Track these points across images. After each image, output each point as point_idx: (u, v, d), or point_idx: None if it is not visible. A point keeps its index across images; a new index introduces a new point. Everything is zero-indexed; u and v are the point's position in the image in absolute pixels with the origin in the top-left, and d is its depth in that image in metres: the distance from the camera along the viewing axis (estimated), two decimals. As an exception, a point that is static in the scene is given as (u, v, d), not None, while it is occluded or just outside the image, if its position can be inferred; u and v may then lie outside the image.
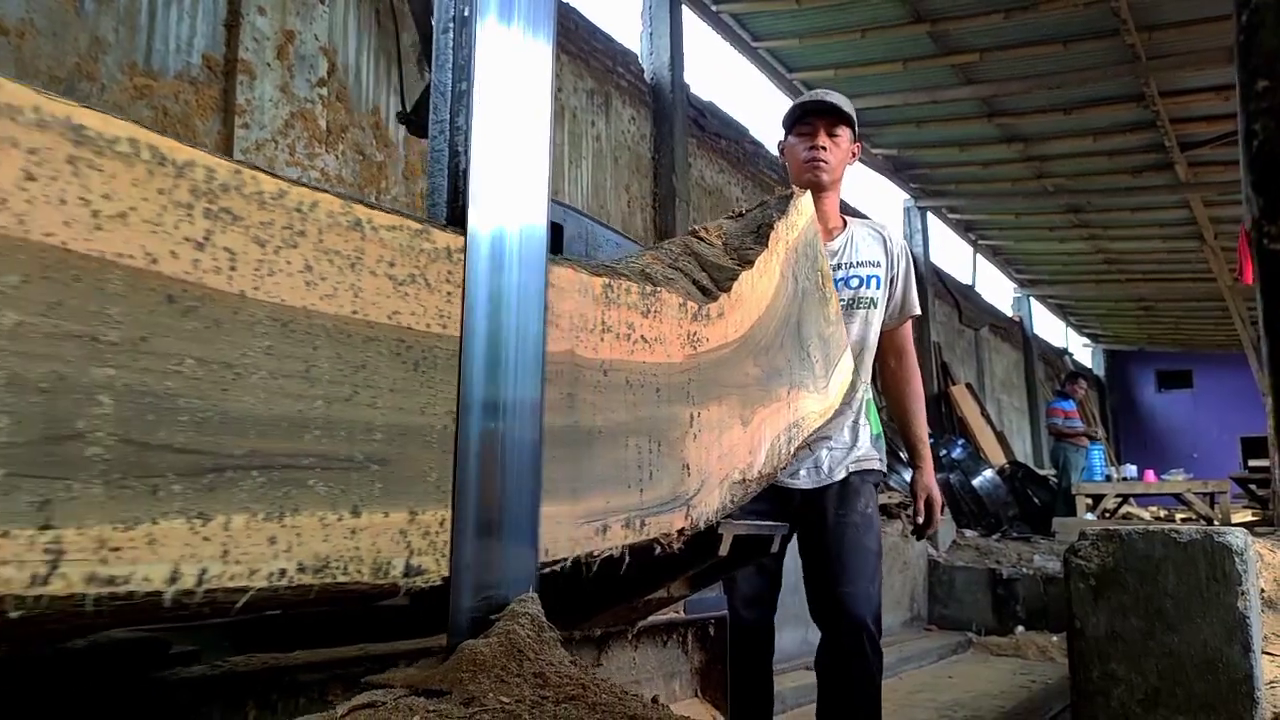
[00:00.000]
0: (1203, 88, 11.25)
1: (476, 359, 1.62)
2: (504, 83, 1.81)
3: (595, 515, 1.75)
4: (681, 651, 2.43)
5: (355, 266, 1.33)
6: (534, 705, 1.26)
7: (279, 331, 1.18)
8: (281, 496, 1.16)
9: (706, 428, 2.00)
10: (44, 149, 0.98)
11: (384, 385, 1.35)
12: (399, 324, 1.41)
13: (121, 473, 0.98)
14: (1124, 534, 2.90)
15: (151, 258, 1.05)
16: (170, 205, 1.08)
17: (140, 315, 1.02)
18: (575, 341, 1.76)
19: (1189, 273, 18.42)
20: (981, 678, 7.13)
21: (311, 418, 1.21)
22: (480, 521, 1.59)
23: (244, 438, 1.11)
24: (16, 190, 0.94)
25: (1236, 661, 2.70)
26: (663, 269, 2.06)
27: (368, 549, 1.29)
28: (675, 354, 1.94)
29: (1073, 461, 12.70)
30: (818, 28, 10.61)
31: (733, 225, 2.45)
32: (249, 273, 1.14)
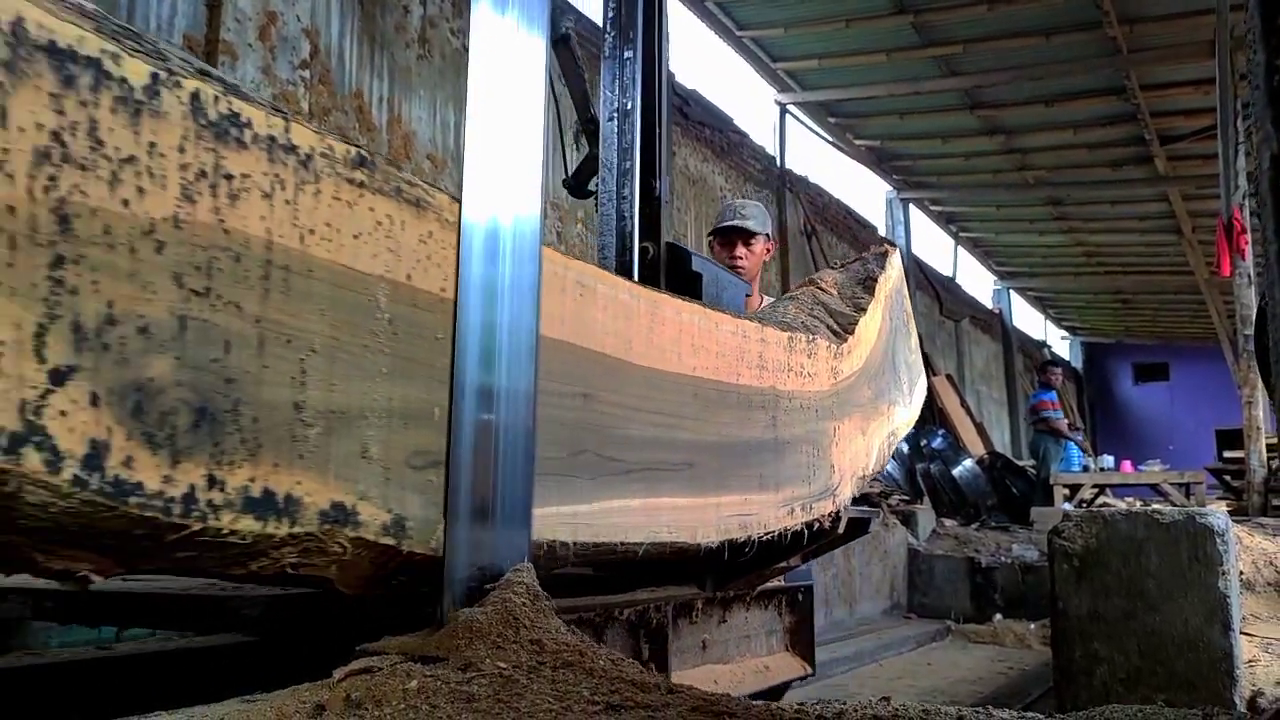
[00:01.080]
0: (1183, 81, 11.34)
1: (470, 348, 1.64)
2: (497, 73, 1.81)
3: (787, 502, 2.39)
4: (777, 613, 2.96)
5: (697, 349, 2.12)
6: (531, 671, 1.26)
7: (656, 383, 1.99)
8: (654, 484, 1.95)
9: (843, 437, 2.69)
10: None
11: (709, 418, 2.16)
12: (740, 383, 2.26)
13: (593, 470, 1.78)
14: (1107, 515, 2.92)
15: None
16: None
17: (601, 379, 1.85)
18: (775, 379, 2.39)
19: (1167, 266, 18.60)
20: (960, 665, 7.20)
21: (675, 440, 2.02)
22: (474, 502, 1.60)
23: (648, 449, 1.93)
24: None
25: (1217, 640, 2.73)
26: (806, 318, 2.74)
27: (698, 520, 2.07)
28: (824, 384, 2.62)
29: (1051, 452, 12.81)
30: (802, 17, 10.62)
31: (841, 276, 3.14)
32: (676, 357, 2.06)
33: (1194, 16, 9.81)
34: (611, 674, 1.31)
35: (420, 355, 1.48)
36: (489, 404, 1.63)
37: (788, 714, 1.25)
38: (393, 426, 1.41)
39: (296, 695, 1.24)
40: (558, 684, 1.25)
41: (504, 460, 1.65)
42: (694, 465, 2.05)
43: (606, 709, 1.17)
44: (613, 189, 3.15)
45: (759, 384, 2.30)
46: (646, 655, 2.23)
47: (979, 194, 15.95)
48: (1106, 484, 12.09)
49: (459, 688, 1.21)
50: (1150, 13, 10.07)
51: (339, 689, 1.23)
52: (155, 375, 1.11)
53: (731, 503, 2.17)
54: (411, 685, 1.21)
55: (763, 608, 2.86)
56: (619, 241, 3.10)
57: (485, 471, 1.61)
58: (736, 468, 2.22)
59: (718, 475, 2.14)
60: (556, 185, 3.86)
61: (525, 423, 1.68)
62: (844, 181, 14.19)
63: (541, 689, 1.22)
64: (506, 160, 1.79)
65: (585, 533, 1.72)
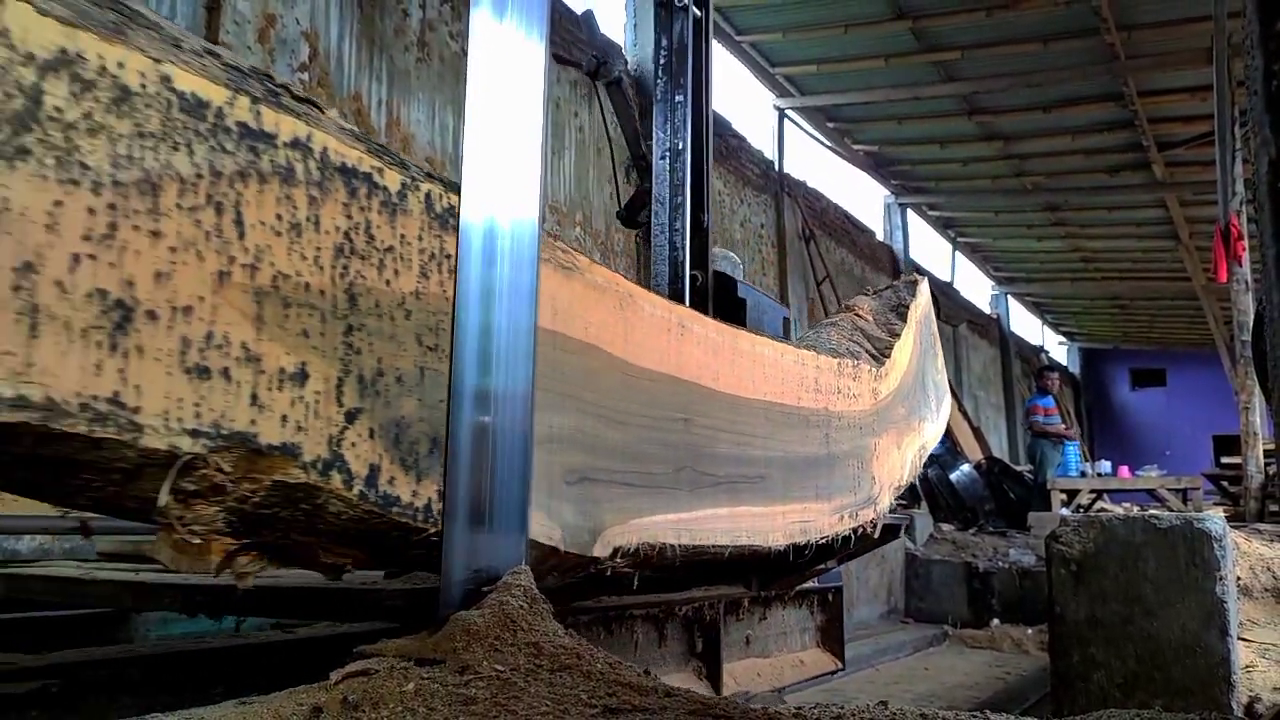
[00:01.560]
0: (1181, 88, 11.35)
1: (469, 351, 1.64)
2: (496, 77, 1.81)
3: (838, 510, 2.72)
4: (810, 612, 3.30)
5: (768, 377, 2.47)
6: (528, 673, 1.26)
7: (736, 407, 2.29)
8: (736, 495, 2.27)
9: (881, 452, 3.00)
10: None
11: (776, 437, 2.46)
12: (800, 405, 2.59)
13: (692, 484, 2.06)
14: (1105, 520, 2.92)
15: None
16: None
17: (696, 406, 2.15)
18: (828, 401, 2.70)
19: (1164, 272, 18.61)
20: (957, 669, 7.18)
21: (751, 456, 2.32)
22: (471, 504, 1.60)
23: (731, 464, 2.23)
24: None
25: (1214, 646, 2.73)
26: (848, 343, 3.01)
27: (769, 526, 2.42)
28: (866, 404, 2.92)
29: (1049, 457, 12.79)
30: (801, 22, 10.62)
31: (874, 302, 3.43)
32: (751, 384, 2.39)
33: (1192, 23, 9.83)
34: (609, 677, 1.31)
35: (569, 390, 1.83)
36: (486, 406, 1.63)
37: (786, 715, 1.25)
38: (551, 450, 1.76)
39: (294, 697, 1.24)
40: (555, 687, 1.25)
41: (501, 462, 1.65)
42: (765, 478, 2.39)
43: (604, 712, 1.17)
44: (665, 222, 3.52)
45: (815, 405, 2.65)
46: (700, 648, 2.62)
47: (977, 199, 15.96)
48: (1104, 489, 12.09)
49: (456, 690, 1.21)
50: (1148, 19, 10.08)
51: (336, 691, 1.22)
52: (406, 414, 1.49)
53: (794, 511, 2.51)
54: (409, 688, 1.21)
55: (798, 607, 3.21)
56: (671, 270, 3.45)
57: (482, 474, 1.61)
58: (798, 480, 2.55)
59: (784, 486, 2.47)
60: (555, 187, 3.94)
61: (523, 425, 1.68)
62: (842, 186, 14.20)
63: (539, 692, 1.22)
64: (505, 164, 1.79)
65: (686, 536, 2.07)
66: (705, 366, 2.17)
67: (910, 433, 3.27)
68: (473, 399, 1.62)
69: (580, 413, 1.80)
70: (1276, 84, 0.64)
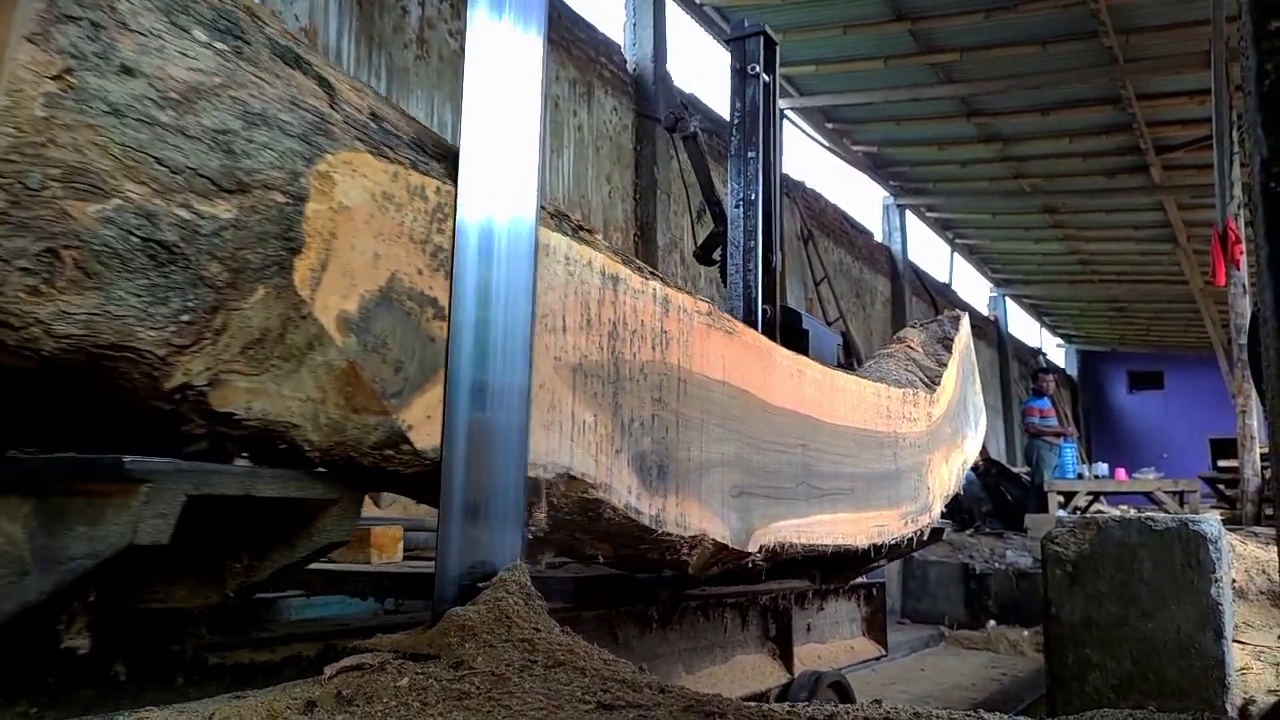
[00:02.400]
0: (1179, 91, 11.35)
1: (465, 347, 1.64)
2: (493, 75, 1.81)
3: (903, 516, 3.19)
4: (857, 604, 3.72)
5: (854, 408, 2.97)
6: (522, 669, 1.26)
7: (834, 433, 2.74)
8: (835, 504, 2.70)
9: (934, 466, 3.47)
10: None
11: (861, 455, 2.92)
12: (876, 429, 3.09)
13: (806, 495, 2.52)
14: (1101, 521, 2.93)
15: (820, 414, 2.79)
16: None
17: (809, 434, 2.61)
18: (895, 425, 3.17)
19: (1162, 275, 18.61)
20: (953, 670, 7.19)
21: (844, 472, 2.78)
22: (467, 499, 1.60)
23: (832, 480, 2.69)
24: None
25: (1209, 648, 2.73)
26: (905, 373, 3.49)
27: (857, 530, 2.89)
28: (923, 426, 3.40)
29: (1046, 459, 12.80)
30: (800, 22, 10.62)
31: (921, 334, 3.97)
32: (844, 414, 2.87)
33: (1190, 27, 9.83)
34: (604, 673, 1.30)
35: (733, 425, 2.29)
36: (482, 402, 1.63)
37: (779, 714, 1.25)
38: (723, 471, 2.23)
39: (288, 691, 1.24)
40: (549, 682, 1.25)
41: (498, 458, 1.65)
42: (854, 490, 2.89)
43: (598, 707, 1.17)
44: (740, 263, 4.09)
45: (887, 429, 3.14)
46: (774, 633, 3.07)
47: (975, 201, 15.96)
48: (1101, 491, 12.10)
49: (450, 685, 1.21)
50: (1146, 23, 10.08)
51: (330, 685, 1.22)
52: (645, 449, 1.97)
53: (874, 516, 3.01)
54: (403, 682, 1.21)
55: (848, 600, 3.66)
56: (745, 305, 4.00)
57: (478, 469, 1.61)
58: (876, 491, 3.03)
59: (866, 497, 2.96)
60: (553, 186, 4.02)
61: (519, 421, 1.68)
62: (841, 187, 14.20)
63: (533, 687, 1.22)
64: (502, 162, 1.78)
65: (804, 537, 2.59)
66: (815, 402, 2.70)
67: (955, 449, 3.80)
68: (469, 394, 1.61)
69: (739, 442, 2.30)
70: (1269, 83, 0.64)
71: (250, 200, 1.17)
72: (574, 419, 1.78)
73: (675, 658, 2.61)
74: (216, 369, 1.17)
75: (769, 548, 2.40)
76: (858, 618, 3.76)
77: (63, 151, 1.02)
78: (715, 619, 2.84)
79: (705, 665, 2.74)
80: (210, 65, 1.15)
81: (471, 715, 1.16)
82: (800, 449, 2.57)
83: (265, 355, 1.22)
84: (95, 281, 1.07)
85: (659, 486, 1.99)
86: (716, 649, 2.83)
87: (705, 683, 2.66)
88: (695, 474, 2.12)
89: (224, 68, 1.18)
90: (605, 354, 1.85)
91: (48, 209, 1.02)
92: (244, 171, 1.16)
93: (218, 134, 1.12)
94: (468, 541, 1.59)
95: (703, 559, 2.17)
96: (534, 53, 1.89)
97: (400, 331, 1.44)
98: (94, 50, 1.05)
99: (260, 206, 1.18)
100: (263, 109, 1.21)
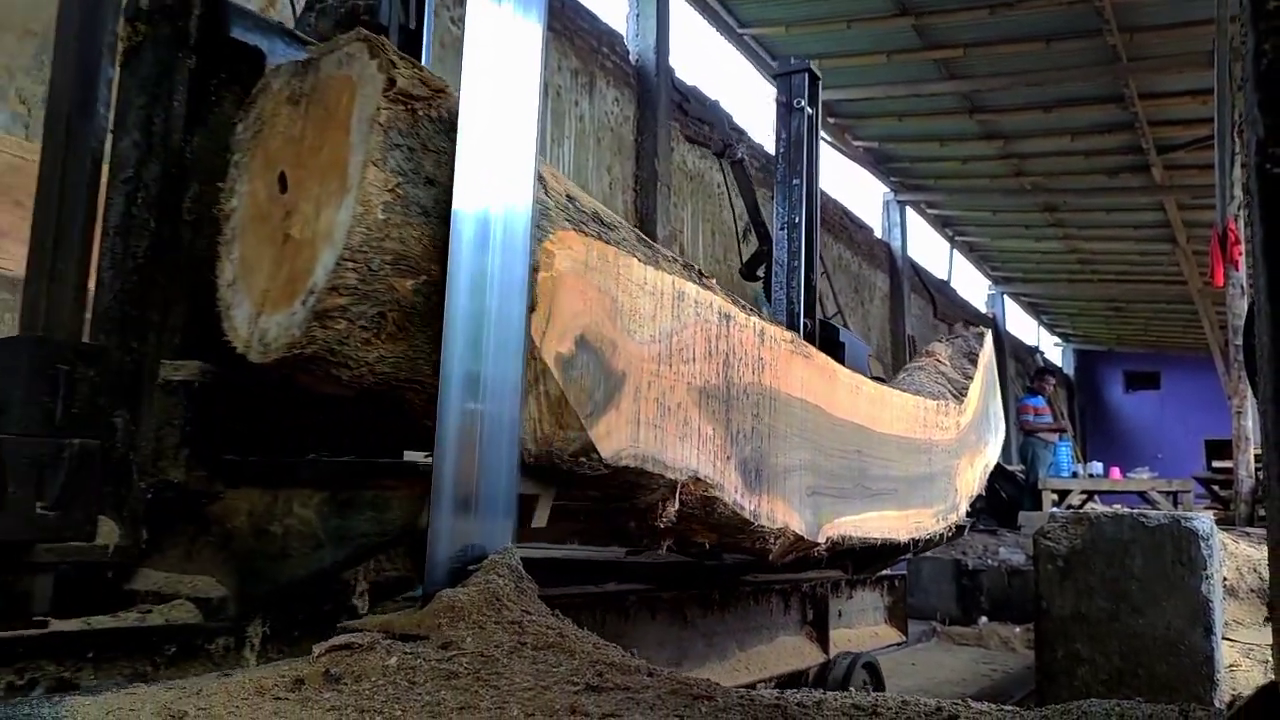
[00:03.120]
0: (1181, 91, 11.34)
1: (458, 338, 1.63)
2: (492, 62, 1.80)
3: (936, 514, 3.51)
4: (880, 594, 4.04)
5: (898, 419, 3.29)
6: (511, 651, 1.26)
7: (882, 440, 3.08)
8: (883, 503, 3.03)
9: (961, 470, 3.79)
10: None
11: (903, 460, 3.22)
12: (915, 437, 3.45)
13: (861, 495, 2.86)
14: (1093, 517, 2.93)
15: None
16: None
17: (863, 441, 2.94)
18: (930, 433, 3.49)
19: (1160, 275, 18.62)
20: (945, 666, 7.21)
21: (890, 475, 3.03)
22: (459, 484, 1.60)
23: (881, 482, 3.03)
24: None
25: (1198, 644, 2.74)
26: (935, 385, 3.83)
27: (900, 526, 3.27)
28: (952, 434, 3.72)
29: (1040, 457, 12.81)
30: (804, 16, 10.60)
31: (950, 349, 4.30)
32: (889, 424, 3.21)
33: (1193, 26, 9.82)
34: (593, 656, 1.31)
35: (808, 435, 2.60)
36: (475, 393, 1.63)
37: (766, 700, 1.25)
38: (801, 474, 2.56)
39: (277, 669, 1.24)
40: (538, 664, 1.25)
41: (489, 447, 1.65)
42: (897, 491, 3.21)
43: (586, 689, 1.17)
44: (784, 280, 4.52)
45: (923, 437, 3.47)
46: (811, 617, 3.42)
47: (976, 198, 15.95)
48: (1095, 490, 12.11)
49: (439, 665, 1.21)
50: (1150, 22, 10.07)
51: (319, 664, 1.23)
52: (747, 456, 2.28)
53: (914, 515, 3.34)
54: (391, 662, 1.21)
55: (873, 589, 3.98)
56: (788, 319, 4.31)
57: (470, 459, 1.61)
58: (914, 492, 3.36)
59: (907, 497, 3.29)
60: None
61: (511, 411, 1.68)
62: (841, 182, 14.18)
63: (522, 668, 1.22)
64: (499, 150, 1.77)
65: (859, 531, 2.91)
66: (868, 413, 3.02)
67: (979, 454, 4.16)
68: (461, 385, 1.61)
69: (812, 450, 2.63)
70: (1267, 62, 0.64)
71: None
72: (699, 432, 2.10)
73: (730, 636, 2.97)
74: (473, 397, 1.55)
75: (833, 539, 2.75)
76: (881, 606, 4.10)
77: (393, 243, 1.38)
78: (763, 603, 3.20)
79: (755, 644, 3.10)
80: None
81: (459, 695, 1.16)
82: (856, 455, 2.92)
83: (508, 386, 1.60)
84: (403, 334, 1.43)
85: (756, 486, 2.30)
86: (764, 630, 3.19)
87: (755, 660, 3.04)
88: (781, 476, 2.45)
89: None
90: (720, 378, 2.17)
91: (382, 284, 1.39)
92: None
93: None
94: (459, 527, 1.59)
95: (783, 548, 2.51)
96: (533, 41, 1.88)
97: (593, 366, 1.77)
98: (410, 168, 1.40)
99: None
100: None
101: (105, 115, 1.56)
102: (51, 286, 1.49)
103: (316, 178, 1.43)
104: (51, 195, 1.53)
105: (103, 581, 1.44)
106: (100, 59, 1.53)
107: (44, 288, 1.49)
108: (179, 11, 1.62)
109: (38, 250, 1.50)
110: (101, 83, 1.53)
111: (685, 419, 2.03)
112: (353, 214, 1.34)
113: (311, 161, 1.44)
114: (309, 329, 1.36)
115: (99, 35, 1.54)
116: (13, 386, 1.38)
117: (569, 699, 1.14)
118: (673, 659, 2.67)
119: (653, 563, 2.81)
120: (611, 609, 2.47)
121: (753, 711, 1.16)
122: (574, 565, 2.73)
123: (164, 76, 1.60)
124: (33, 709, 1.18)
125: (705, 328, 2.12)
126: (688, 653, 2.77)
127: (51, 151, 1.54)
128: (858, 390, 2.95)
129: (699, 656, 2.80)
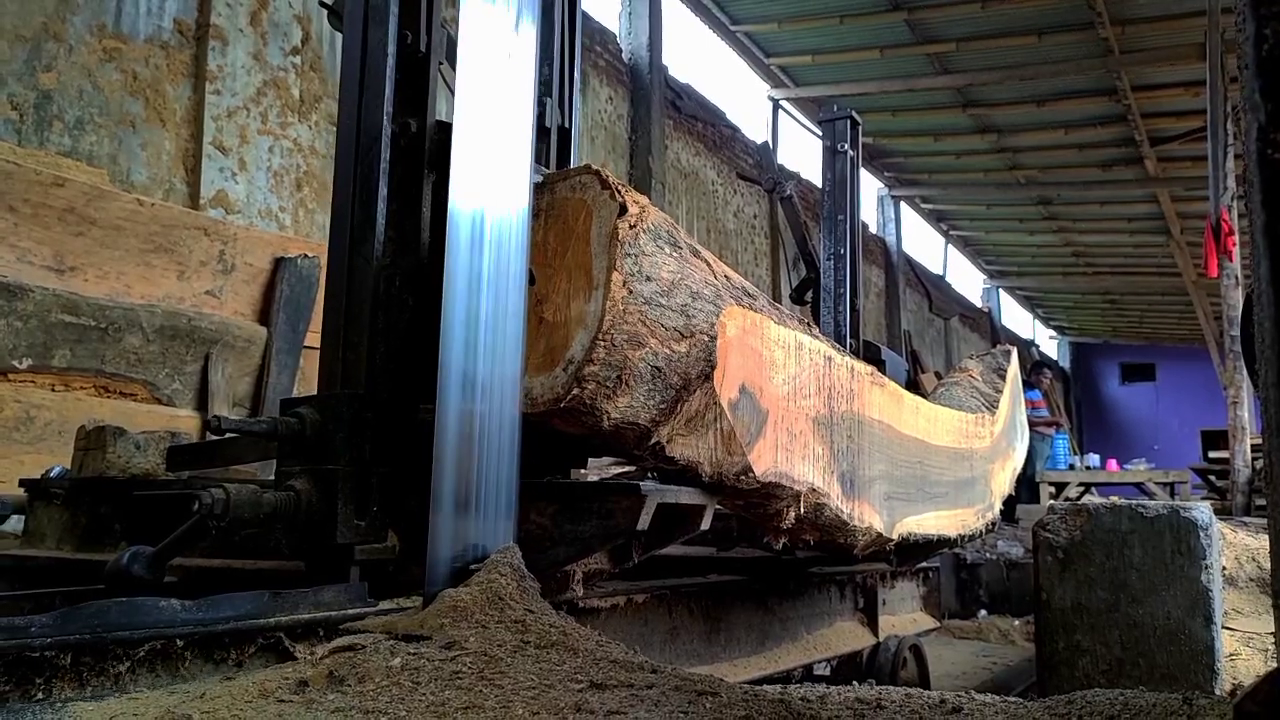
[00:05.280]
0: (1174, 83, 11.37)
1: (455, 337, 1.63)
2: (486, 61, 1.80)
3: (977, 514, 3.94)
4: (917, 584, 4.49)
5: (947, 432, 3.79)
6: (515, 650, 1.26)
7: (936, 451, 3.59)
8: (938, 504, 3.52)
9: (994, 473, 4.25)
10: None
11: (951, 467, 3.79)
12: (960, 447, 3.91)
13: (922, 498, 3.35)
14: (1092, 508, 2.94)
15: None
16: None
17: (923, 453, 3.43)
18: (971, 443, 3.94)
19: (1155, 267, 18.66)
20: (944, 659, 7.20)
21: (942, 480, 3.55)
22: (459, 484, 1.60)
23: (936, 486, 3.50)
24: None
25: (1198, 634, 2.74)
26: (971, 400, 4.29)
27: (951, 524, 3.64)
28: (988, 442, 4.17)
29: (1037, 450, 12.83)
30: (797, 12, 10.61)
31: (980, 366, 4.76)
32: (941, 437, 3.67)
33: (1185, 19, 9.84)
34: (596, 654, 1.31)
35: (883, 450, 3.01)
36: (473, 392, 1.63)
37: (770, 695, 1.25)
38: (880, 483, 2.95)
39: (279, 671, 1.24)
40: (541, 662, 1.25)
41: (488, 448, 1.65)
42: (948, 494, 3.62)
43: (590, 687, 1.17)
44: (831, 305, 5.10)
45: (966, 446, 3.90)
46: (862, 604, 3.83)
47: (970, 192, 15.98)
48: (1092, 482, 12.15)
49: (442, 665, 1.21)
50: (1142, 14, 10.09)
51: (322, 665, 1.22)
52: (844, 469, 2.66)
53: (961, 514, 3.76)
54: (395, 662, 1.21)
55: (911, 579, 4.37)
56: (835, 339, 4.55)
57: (469, 460, 1.61)
58: (960, 495, 3.77)
59: (954, 499, 3.69)
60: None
61: (510, 411, 1.68)
62: (835, 178, 14.15)
63: (525, 667, 1.22)
64: (494, 149, 1.78)
65: (920, 528, 3.30)
66: (925, 430, 3.45)
67: (1009, 458, 4.62)
68: (459, 385, 1.61)
69: (887, 462, 3.04)
70: (1267, 48, 0.64)
71: (695, 341, 1.97)
72: (813, 453, 2.49)
73: (800, 621, 3.36)
74: (672, 433, 1.99)
75: (902, 536, 3.17)
76: (918, 595, 4.53)
77: (627, 324, 1.78)
78: (825, 592, 3.62)
79: (819, 628, 3.51)
80: (673, 267, 1.93)
81: (464, 695, 1.16)
82: (919, 464, 3.37)
83: (695, 426, 2.04)
84: (627, 390, 1.82)
85: (851, 494, 2.69)
86: (825, 616, 3.61)
87: (819, 642, 3.45)
88: (866, 485, 2.83)
89: (680, 267, 1.95)
90: (826, 408, 2.58)
91: (620, 355, 1.78)
92: (693, 325, 1.97)
93: (683, 306, 1.94)
94: (459, 528, 1.59)
95: (866, 543, 2.93)
96: (527, 38, 1.89)
97: (749, 407, 2.20)
98: (634, 270, 1.80)
99: (698, 344, 1.98)
100: (697, 289, 2.00)
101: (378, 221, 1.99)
102: (346, 354, 1.93)
103: (564, 275, 1.81)
104: (340, 283, 1.97)
105: (385, 573, 1.78)
106: (375, 176, 1.95)
107: (339, 354, 1.94)
108: (419, 140, 1.97)
109: (331, 322, 1.98)
110: (379, 198, 1.95)
111: (805, 443, 2.47)
112: (602, 306, 1.74)
113: (557, 263, 1.83)
114: (569, 388, 1.73)
115: (374, 159, 1.95)
116: (338, 429, 1.80)
117: (573, 697, 1.14)
118: (757, 640, 3.03)
119: (741, 558, 3.12)
120: (712, 597, 2.84)
121: (757, 706, 1.16)
122: (682, 561, 3.05)
123: (412, 187, 1.97)
124: (35, 714, 1.17)
125: (815, 369, 2.55)
126: (768, 634, 3.11)
127: (338, 248, 1.98)
128: (917, 410, 3.48)
129: (776, 638, 3.16)
